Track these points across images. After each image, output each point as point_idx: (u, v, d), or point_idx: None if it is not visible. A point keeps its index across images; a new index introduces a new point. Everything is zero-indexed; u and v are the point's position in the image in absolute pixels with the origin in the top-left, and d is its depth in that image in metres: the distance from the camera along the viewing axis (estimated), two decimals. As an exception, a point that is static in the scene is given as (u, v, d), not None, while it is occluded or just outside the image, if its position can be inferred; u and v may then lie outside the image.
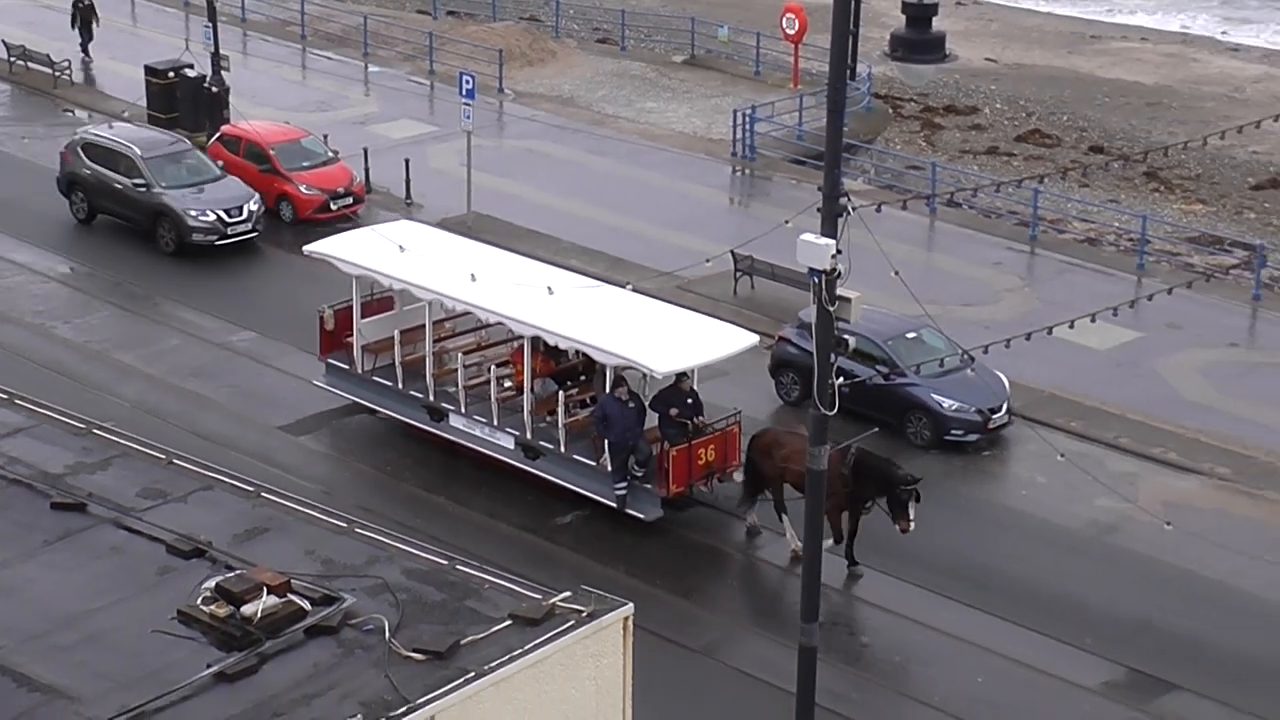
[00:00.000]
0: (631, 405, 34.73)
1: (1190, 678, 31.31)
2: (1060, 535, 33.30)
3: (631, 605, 19.36)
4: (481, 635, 18.68)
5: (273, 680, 18.18)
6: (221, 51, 56.87)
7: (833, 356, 23.07)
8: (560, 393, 36.25)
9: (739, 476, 35.55)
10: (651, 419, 35.26)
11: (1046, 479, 36.54)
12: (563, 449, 35.84)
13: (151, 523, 21.00)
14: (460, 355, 38.08)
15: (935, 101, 66.47)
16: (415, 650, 18.42)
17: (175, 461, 22.78)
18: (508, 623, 18.89)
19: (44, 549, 20.60)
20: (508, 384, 37.11)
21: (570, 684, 18.80)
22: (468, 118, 51.11)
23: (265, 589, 19.04)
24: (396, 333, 38.28)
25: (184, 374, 42.31)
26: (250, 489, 22.09)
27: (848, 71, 22.09)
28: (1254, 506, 37.43)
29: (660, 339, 35.05)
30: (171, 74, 57.58)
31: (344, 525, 21.15)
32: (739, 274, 46.62)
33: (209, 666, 18.26)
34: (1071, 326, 30.26)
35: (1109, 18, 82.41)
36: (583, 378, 38.08)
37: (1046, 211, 53.07)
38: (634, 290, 38.88)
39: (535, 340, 36.01)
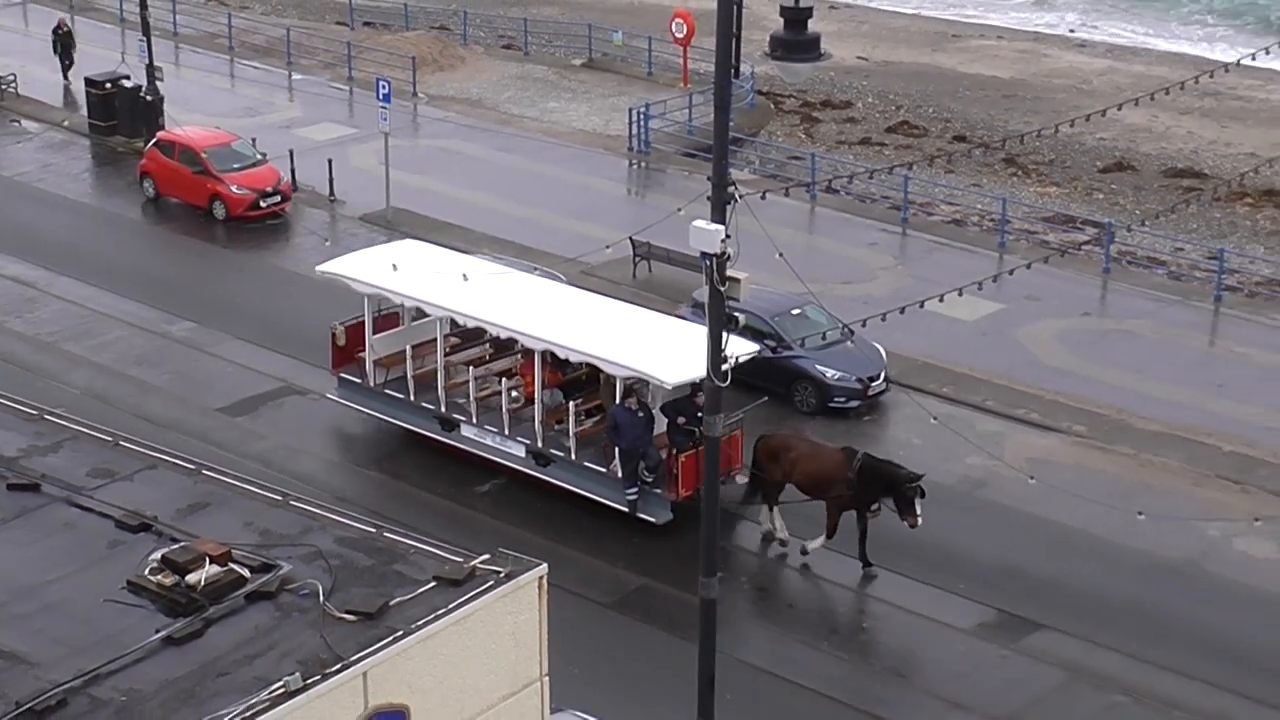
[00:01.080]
0: (641, 414, 33.73)
1: (1054, 617, 31.58)
2: (935, 491, 33.38)
3: (545, 565, 19.32)
4: (408, 596, 18.60)
5: (217, 643, 18.04)
6: (156, 63, 56.65)
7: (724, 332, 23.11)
8: (570, 403, 35.28)
9: (741, 479, 34.59)
10: (659, 425, 34.33)
11: (921, 440, 36.73)
12: (573, 456, 34.87)
13: (101, 500, 20.79)
14: (471, 368, 36.88)
15: (813, 97, 66.62)
16: (347, 611, 18.33)
17: (122, 443, 22.57)
18: (432, 584, 18.82)
19: (1, 527, 20.38)
20: (515, 394, 36.24)
21: (491, 639, 18.76)
22: (385, 120, 51.06)
23: (208, 559, 18.89)
24: (408, 348, 37.37)
25: (128, 362, 42.07)
26: (192, 467, 21.91)
27: (732, 71, 22.06)
28: (1108, 460, 37.76)
29: (666, 351, 33.80)
30: (109, 85, 57.73)
31: (279, 498, 21.01)
32: (637, 258, 46.68)
33: (157, 631, 18.11)
34: (941, 300, 30.38)
35: (980, 17, 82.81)
36: (587, 388, 36.71)
37: (916, 196, 53.31)
38: (541, 275, 38.97)
39: (543, 353, 35.13)
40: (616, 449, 33.86)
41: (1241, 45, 68.47)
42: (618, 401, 33.87)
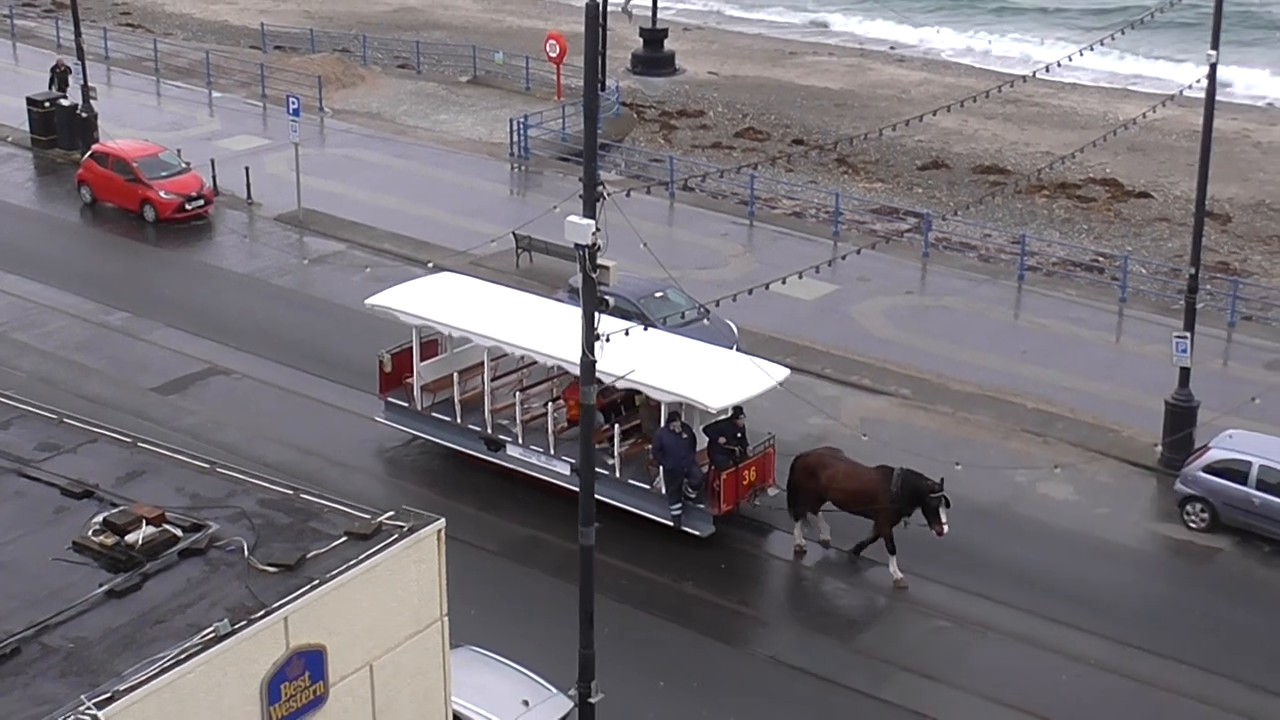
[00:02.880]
0: (685, 436, 32.07)
1: (885, 554, 31.75)
2: (782, 446, 33.58)
3: (443, 520, 19.30)
4: (323, 550, 18.54)
5: (154, 595, 17.94)
6: (90, 84, 56.07)
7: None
8: (615, 425, 33.50)
9: (773, 491, 33.10)
10: (699, 444, 32.76)
11: (769, 403, 36.74)
12: (617, 474, 33.02)
13: (48, 471, 20.60)
14: (518, 393, 34.99)
15: (670, 107, 66.68)
16: (269, 564, 18.26)
17: (65, 420, 22.30)
18: (344, 539, 18.77)
19: (-42, 497, 20.16)
20: (558, 417, 34.33)
21: (396, 586, 18.72)
22: (295, 132, 50.65)
23: (144, 521, 18.79)
24: (455, 374, 35.47)
25: (70, 348, 41.54)
26: (128, 440, 21.70)
27: (599, 85, 21.99)
28: (929, 418, 38.10)
29: (707, 377, 32.37)
30: (48, 104, 57.27)
31: (207, 466, 20.84)
32: (519, 250, 46.62)
33: (101, 586, 18.00)
34: (784, 283, 30.33)
35: (815, 37, 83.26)
36: (626, 410, 35.04)
37: (761, 192, 53.52)
38: (435, 269, 38.51)
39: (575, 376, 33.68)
40: (661, 468, 32.34)
41: (1038, 59, 69.10)
42: (662, 425, 32.27)
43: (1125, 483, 35.59)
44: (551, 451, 33.92)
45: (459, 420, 35.16)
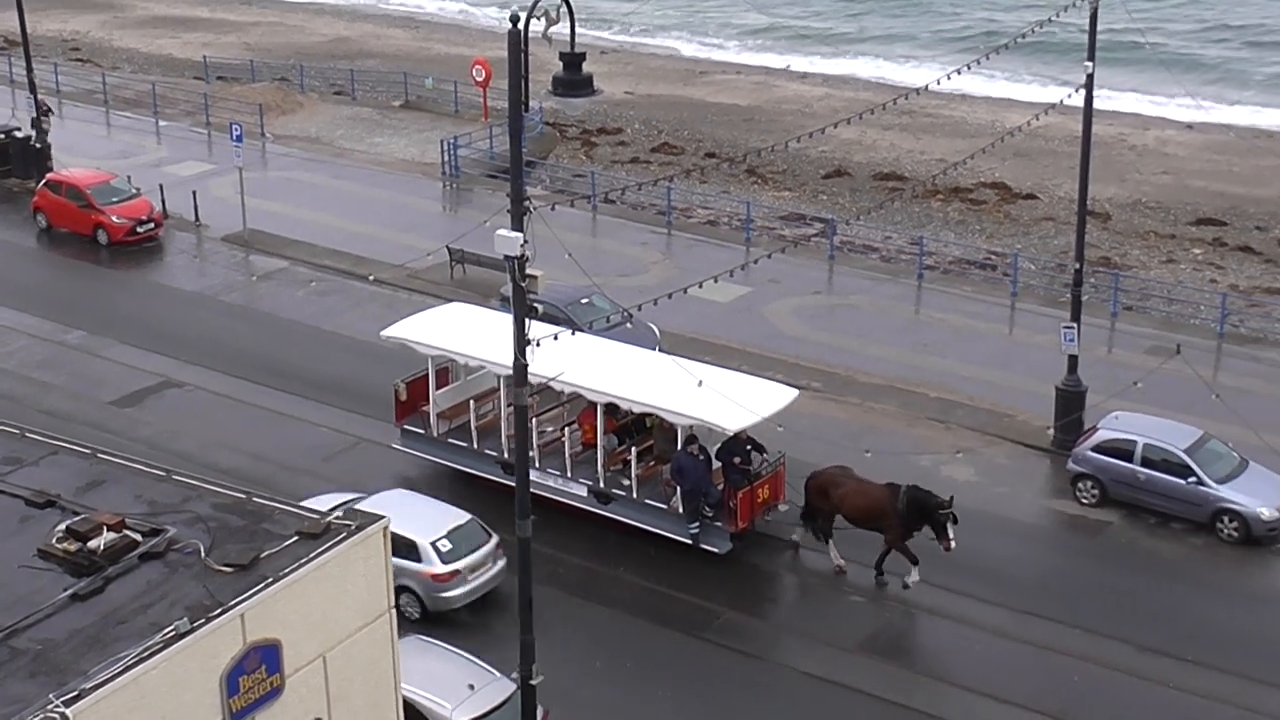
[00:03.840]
0: (701, 458, 31.07)
1: (806, 536, 31.87)
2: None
3: (388, 517, 19.21)
4: (276, 549, 18.41)
5: (116, 597, 17.77)
6: (46, 113, 55.58)
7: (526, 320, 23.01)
8: (632, 447, 32.38)
9: (783, 508, 32.20)
10: (712, 462, 31.76)
11: (690, 400, 36.82)
12: (634, 494, 32.07)
13: (11, 483, 20.36)
14: (535, 419, 33.46)
15: (590, 126, 66.64)
16: (225, 565, 18.12)
17: (28, 434, 22.06)
18: (295, 538, 18.65)
19: (-74, 510, 19.90)
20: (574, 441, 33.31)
21: (346, 580, 18.63)
22: (238, 157, 50.26)
23: (105, 527, 18.62)
24: (471, 401, 34.32)
25: (30, 366, 41.08)
26: (88, 451, 21.47)
27: (523, 106, 21.93)
28: (839, 409, 38.23)
29: (720, 400, 30.66)
30: (3, 135, 56.49)
31: (163, 474, 20.65)
32: (453, 263, 46.49)
33: (65, 590, 17.81)
34: (700, 286, 30.38)
35: (729, 55, 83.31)
36: (638, 432, 33.69)
37: (677, 203, 53.54)
38: (375, 281, 38.23)
39: (606, 405, 32.32)
40: (679, 488, 31.32)
41: (929, 72, 69.51)
42: (679, 447, 31.30)
43: (1021, 463, 35.87)
44: (569, 474, 32.85)
45: (475, 446, 34.09)
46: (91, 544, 18.42)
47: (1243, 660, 28.49)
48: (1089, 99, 35.06)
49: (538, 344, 22.10)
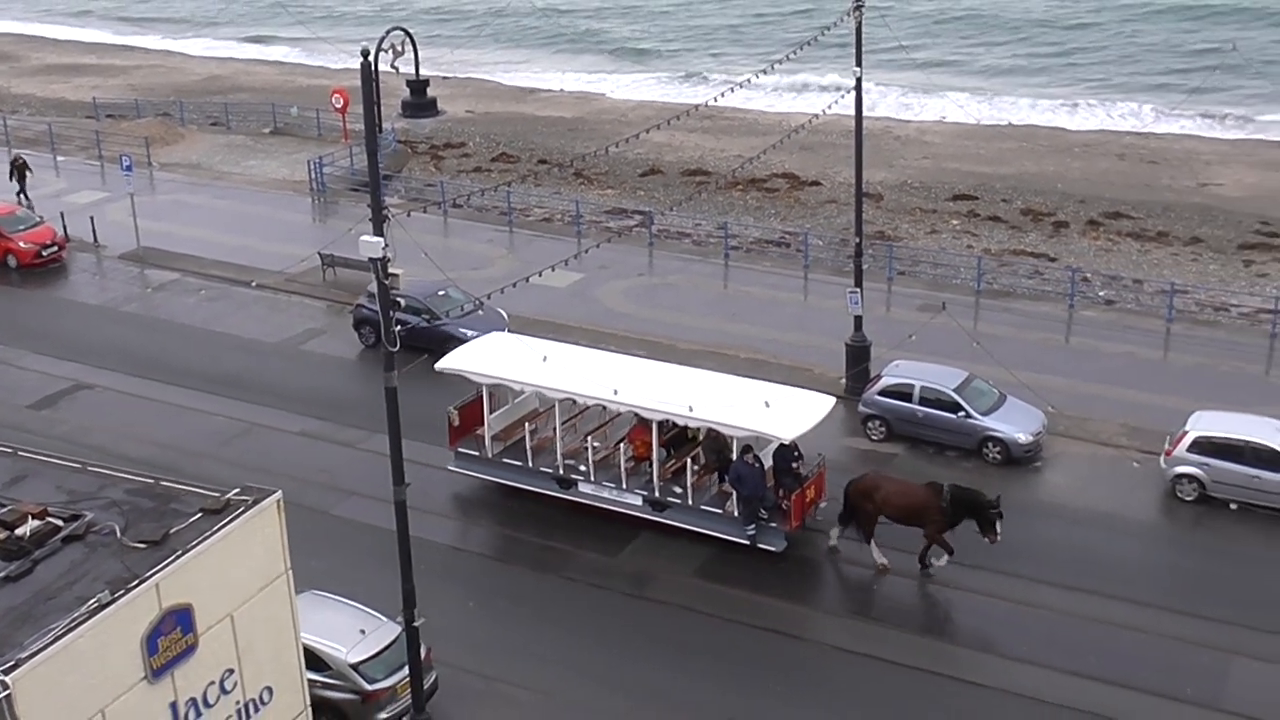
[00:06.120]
0: (757, 466, 29.51)
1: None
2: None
3: (280, 491, 18.99)
4: (183, 525, 18.13)
5: (43, 577, 17.38)
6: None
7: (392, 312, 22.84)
8: (688, 458, 30.88)
9: (824, 504, 30.64)
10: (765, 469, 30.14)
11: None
12: (690, 501, 30.40)
13: (-57, 483, 19.83)
14: (590, 437, 31.84)
15: (437, 141, 66.03)
16: (139, 542, 17.81)
17: (-46, 439, 21.48)
18: (199, 514, 18.37)
19: None
20: (601, 451, 31.78)
21: (246, 548, 18.42)
22: (129, 184, 49.20)
23: (30, 516, 18.22)
24: (526, 424, 32.43)
25: (-47, 378, 39.94)
26: (10, 450, 20.92)
27: (378, 128, 21.71)
28: (665, 373, 38.40)
29: (770, 410, 29.40)
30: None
31: (79, 466, 20.19)
32: (325, 267, 45.99)
33: (-2, 574, 17.39)
34: (540, 275, 30.35)
35: (561, 83, 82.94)
36: (684, 444, 31.95)
37: (516, 204, 53.36)
38: (258, 287, 37.58)
39: (640, 417, 30.77)
40: (736, 494, 29.73)
41: (721, 82, 69.94)
42: (737, 457, 29.59)
43: (820, 409, 36.27)
44: (624, 486, 31.11)
45: (530, 464, 32.15)
46: (19, 531, 17.98)
47: (1010, 563, 29.19)
48: (859, 99, 35.56)
49: (405, 328, 21.82)
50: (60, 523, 18.30)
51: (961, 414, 34.01)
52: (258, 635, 18.73)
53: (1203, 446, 31.82)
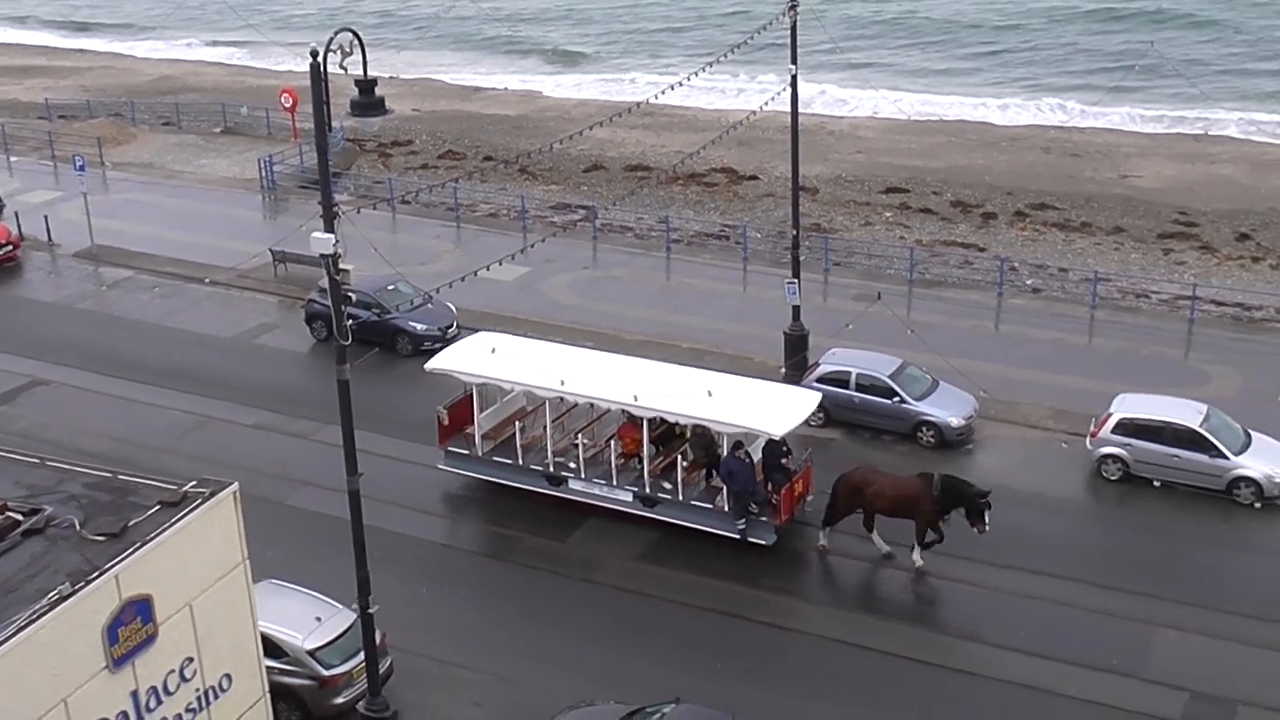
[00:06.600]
0: (748, 461, 29.21)
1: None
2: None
3: (236, 483, 18.89)
4: (142, 518, 18.00)
5: (4, 570, 17.21)
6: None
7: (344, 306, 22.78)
8: (677, 454, 30.36)
9: (810, 499, 30.35)
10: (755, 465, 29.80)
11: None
12: (680, 496, 30.02)
13: (-98, 479, 19.57)
14: (580, 435, 31.46)
15: (385, 139, 65.59)
16: (98, 534, 17.67)
17: (-88, 437, 21.21)
18: (157, 507, 18.24)
19: None
20: (590, 448, 31.36)
21: (204, 539, 18.32)
22: (82, 184, 48.65)
23: (-11, 511, 18.02)
24: (517, 423, 31.81)
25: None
26: (-32, 447, 20.75)
27: (327, 126, 21.62)
28: (610, 363, 38.42)
29: (758, 407, 29.14)
30: None
31: (38, 461, 19.99)
32: (276, 263, 45.69)
33: (-41, 568, 17.20)
34: (488, 269, 30.34)
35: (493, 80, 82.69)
36: (671, 441, 31.60)
37: (463, 200, 53.24)
38: (211, 283, 37.31)
39: (629, 414, 30.50)
40: (727, 489, 29.42)
41: (658, 80, 69.97)
42: (728, 453, 29.32)
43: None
44: (614, 482, 30.67)
45: (521, 461, 31.64)
46: (-22, 527, 17.82)
47: (944, 541, 29.40)
48: (794, 96, 35.70)
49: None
50: (20, 517, 18.10)
51: (896, 399, 34.26)
52: (216, 624, 18.63)
53: (1126, 428, 32.25)
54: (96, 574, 16.80)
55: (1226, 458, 31.36)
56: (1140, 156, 59.71)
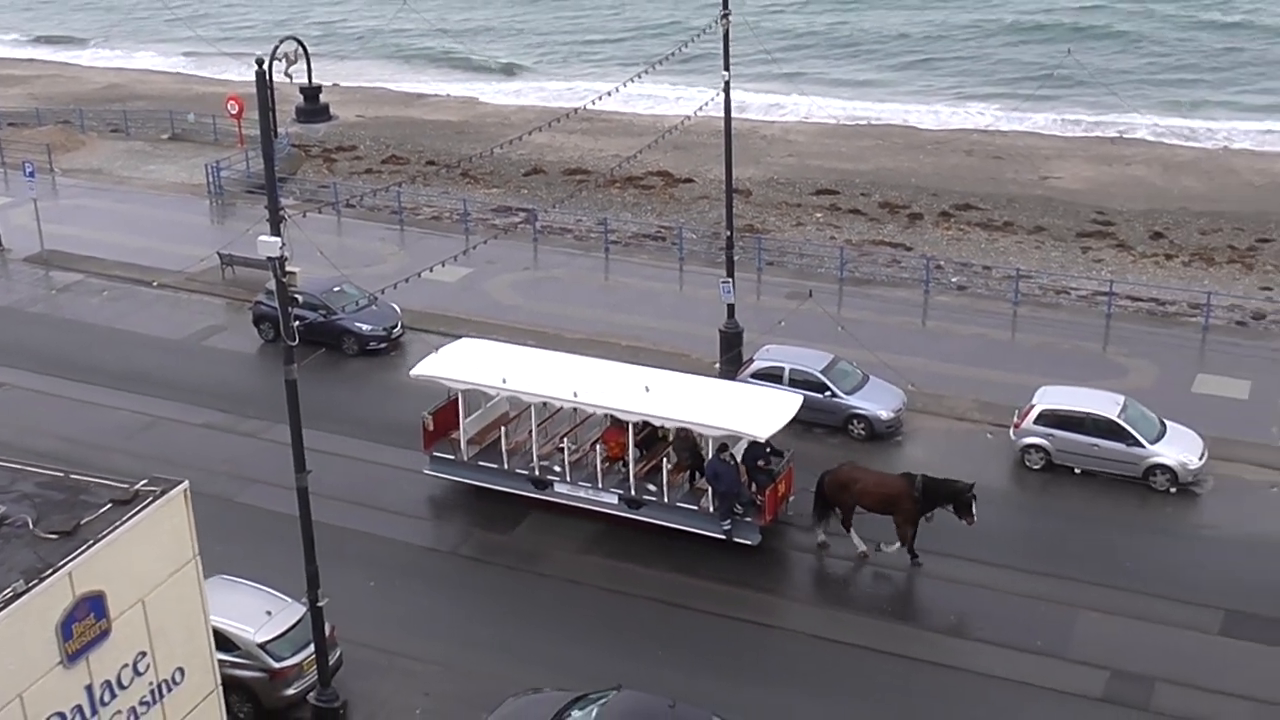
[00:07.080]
0: (732, 464, 28.93)
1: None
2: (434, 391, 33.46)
3: (187, 482, 18.71)
4: (93, 516, 17.77)
5: (-43, 568, 16.96)
6: None
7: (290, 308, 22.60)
8: (662, 457, 29.97)
9: (792, 498, 30.14)
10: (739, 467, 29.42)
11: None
12: (665, 499, 29.60)
13: None
14: (566, 439, 30.98)
15: (330, 145, 65.16)
16: (51, 533, 17.43)
17: None
18: (109, 505, 18.03)
19: None
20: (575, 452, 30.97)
21: (155, 536, 18.12)
22: (32, 189, 47.99)
23: (-58, 511, 17.75)
24: (503, 428, 31.37)
25: None
26: (-79, 449, 20.41)
27: (273, 132, 21.50)
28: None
29: (741, 410, 28.86)
30: None
31: (-11, 462, 19.76)
32: (224, 266, 45.28)
33: (-88, 567, 16.91)
34: (431, 271, 30.23)
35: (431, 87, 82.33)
36: (655, 444, 31.15)
37: (407, 203, 53.00)
38: (159, 286, 36.91)
39: (613, 418, 30.23)
40: (711, 491, 29.07)
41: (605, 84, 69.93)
42: (713, 455, 29.16)
43: (697, 392, 36.45)
44: (600, 485, 30.22)
45: (506, 465, 31.14)
46: (-68, 526, 17.55)
47: (873, 530, 29.43)
48: (728, 101, 35.84)
49: (305, 324, 21.58)
50: (-27, 517, 17.88)
51: (828, 393, 34.47)
52: (169, 619, 18.46)
53: (1048, 419, 32.64)
54: (50, 571, 16.60)
55: (1143, 446, 31.82)
56: (1059, 159, 60.42)
